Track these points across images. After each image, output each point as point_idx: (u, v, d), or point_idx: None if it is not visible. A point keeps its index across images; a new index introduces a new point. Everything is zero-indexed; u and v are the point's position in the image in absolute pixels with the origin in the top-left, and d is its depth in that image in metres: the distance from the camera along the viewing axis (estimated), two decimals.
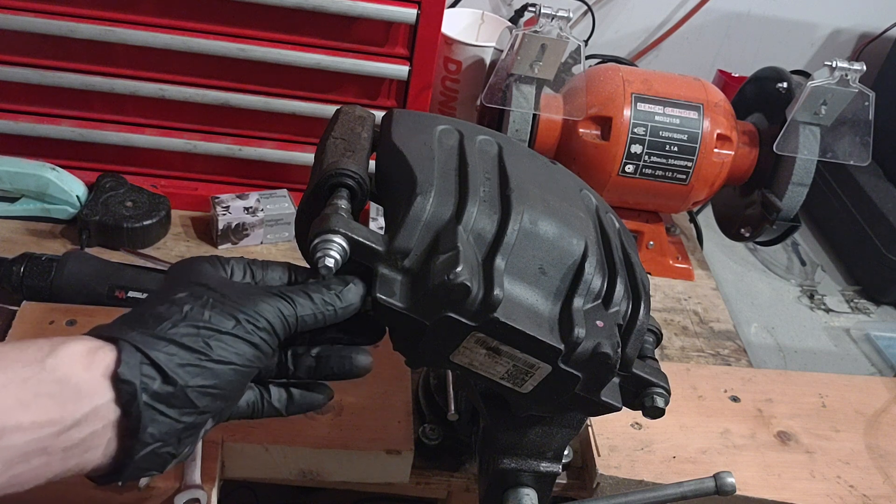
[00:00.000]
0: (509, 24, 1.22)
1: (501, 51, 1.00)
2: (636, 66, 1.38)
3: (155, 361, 0.44)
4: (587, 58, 1.33)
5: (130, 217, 0.92)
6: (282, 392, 0.54)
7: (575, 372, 0.50)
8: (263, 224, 0.98)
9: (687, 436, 0.76)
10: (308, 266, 0.50)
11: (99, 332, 0.46)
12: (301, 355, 0.53)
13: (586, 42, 1.36)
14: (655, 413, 0.56)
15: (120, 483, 0.47)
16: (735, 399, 0.82)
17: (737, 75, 1.38)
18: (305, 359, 0.53)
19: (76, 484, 0.61)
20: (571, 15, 0.94)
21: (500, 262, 0.49)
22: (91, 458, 0.44)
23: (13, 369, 0.42)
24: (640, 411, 0.56)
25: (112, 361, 0.44)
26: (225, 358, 0.46)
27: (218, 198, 0.98)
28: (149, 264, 0.91)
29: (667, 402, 0.55)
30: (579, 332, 0.49)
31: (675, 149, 0.99)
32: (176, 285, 0.49)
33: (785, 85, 1.03)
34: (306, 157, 1.01)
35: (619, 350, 0.51)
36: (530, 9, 1.25)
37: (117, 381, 0.44)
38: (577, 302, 0.51)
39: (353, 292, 0.50)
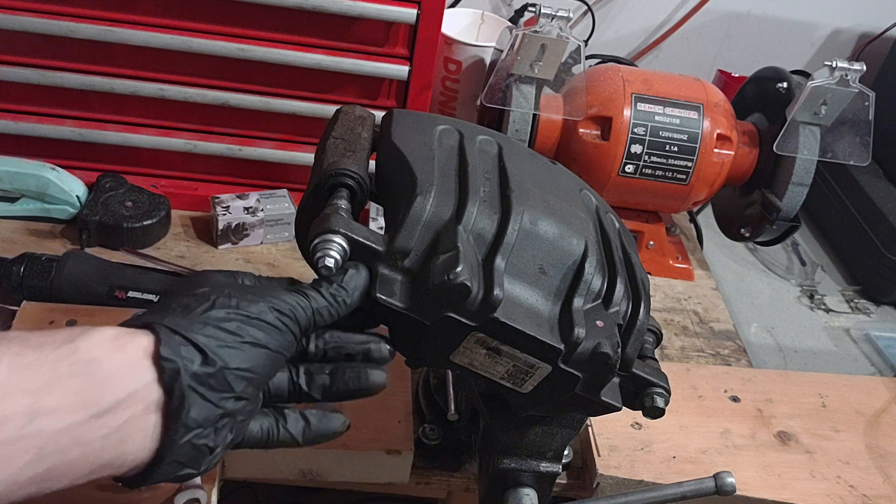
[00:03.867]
0: (509, 24, 1.22)
1: (501, 51, 1.00)
2: (636, 66, 1.38)
3: (195, 342, 0.44)
4: (587, 58, 1.33)
5: (130, 217, 0.92)
6: (298, 418, 0.52)
7: (575, 372, 0.50)
8: (263, 224, 0.98)
9: (687, 436, 0.76)
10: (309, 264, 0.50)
11: (128, 323, 0.46)
12: (314, 373, 0.52)
13: (586, 42, 1.36)
14: (655, 413, 0.56)
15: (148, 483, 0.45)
16: (735, 399, 0.82)
17: (737, 75, 1.38)
18: (319, 376, 0.52)
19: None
20: (571, 15, 0.94)
21: (500, 262, 0.49)
22: (129, 449, 0.43)
23: (44, 350, 0.41)
24: (640, 411, 0.56)
25: (150, 343, 0.44)
26: (259, 340, 0.46)
27: (218, 198, 0.98)
28: (149, 264, 0.91)
29: (667, 402, 0.55)
30: (579, 332, 0.49)
31: (675, 149, 0.99)
32: (193, 285, 0.49)
33: (785, 85, 1.03)
34: (306, 157, 1.01)
35: (619, 350, 0.51)
36: (530, 9, 1.25)
37: (160, 359, 0.43)
38: (577, 302, 0.51)
39: (356, 277, 0.50)
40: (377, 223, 1.00)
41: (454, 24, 1.21)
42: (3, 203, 0.94)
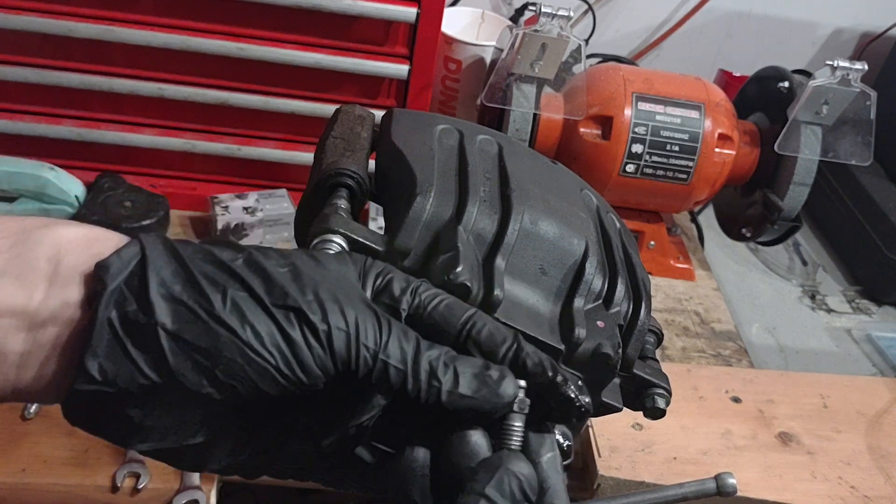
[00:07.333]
0: (510, 23, 1.22)
1: (502, 50, 1.00)
2: (637, 65, 1.38)
3: (145, 275, 0.32)
4: (588, 57, 1.33)
5: (129, 217, 0.92)
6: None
7: (575, 373, 0.50)
8: (262, 224, 0.98)
9: (688, 437, 0.76)
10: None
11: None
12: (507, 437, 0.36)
13: (587, 41, 1.36)
14: (656, 414, 0.55)
15: None
16: (736, 400, 0.81)
17: (738, 75, 1.37)
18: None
19: (76, 485, 0.61)
20: (572, 14, 0.94)
21: (500, 262, 0.49)
22: (38, 382, 0.33)
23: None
24: (641, 412, 0.56)
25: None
26: (231, 325, 0.32)
27: (217, 198, 0.98)
28: None
29: (668, 403, 0.55)
30: (580, 332, 0.49)
31: (677, 148, 0.99)
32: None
33: (786, 84, 1.02)
34: (306, 156, 1.01)
35: (620, 350, 0.51)
36: (531, 8, 1.25)
37: (97, 268, 0.32)
38: (578, 302, 0.51)
39: (509, 384, 0.35)
40: (377, 223, 1.00)
41: (454, 23, 1.20)
42: (2, 203, 0.94)
